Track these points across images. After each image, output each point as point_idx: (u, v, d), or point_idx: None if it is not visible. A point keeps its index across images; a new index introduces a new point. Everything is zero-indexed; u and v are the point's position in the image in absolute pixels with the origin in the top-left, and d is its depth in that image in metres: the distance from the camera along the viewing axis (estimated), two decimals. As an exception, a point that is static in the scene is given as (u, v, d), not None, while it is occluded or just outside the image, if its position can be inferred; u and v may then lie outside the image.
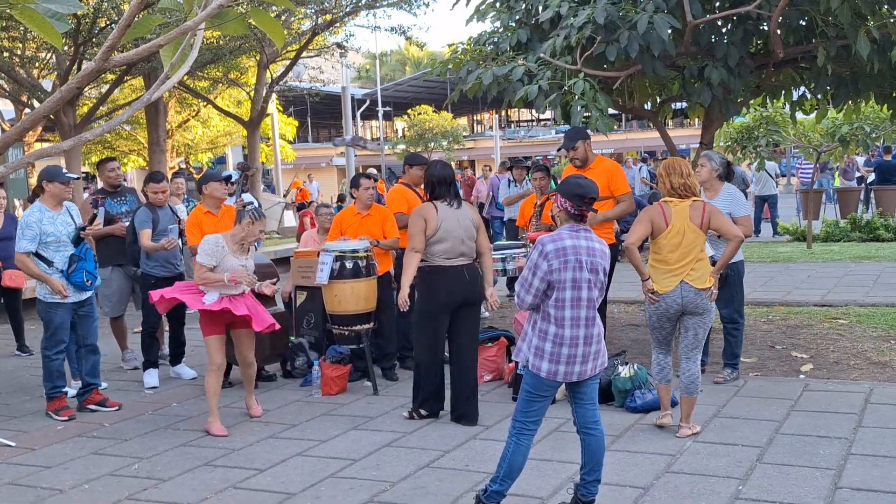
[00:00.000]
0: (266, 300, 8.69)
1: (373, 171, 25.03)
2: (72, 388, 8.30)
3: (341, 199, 23.01)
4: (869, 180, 24.70)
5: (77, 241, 7.76)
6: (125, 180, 10.22)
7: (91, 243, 7.98)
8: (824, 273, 13.96)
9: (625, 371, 7.33)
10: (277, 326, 7.52)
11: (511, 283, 12.05)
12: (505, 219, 14.33)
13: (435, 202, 7.15)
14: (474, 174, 35.28)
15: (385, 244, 8.54)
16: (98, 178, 9.80)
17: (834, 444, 6.21)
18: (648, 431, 6.69)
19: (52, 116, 18.60)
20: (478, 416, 7.12)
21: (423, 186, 7.65)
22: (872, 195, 23.41)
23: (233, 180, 11.38)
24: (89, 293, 7.92)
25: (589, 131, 9.02)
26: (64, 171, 7.86)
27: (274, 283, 7.57)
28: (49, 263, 7.62)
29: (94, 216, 8.50)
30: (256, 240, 7.31)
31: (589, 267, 5.02)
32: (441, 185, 7.19)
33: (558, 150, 8.94)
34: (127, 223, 9.09)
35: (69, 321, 7.81)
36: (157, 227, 8.74)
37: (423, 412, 7.27)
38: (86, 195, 10.91)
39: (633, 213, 9.09)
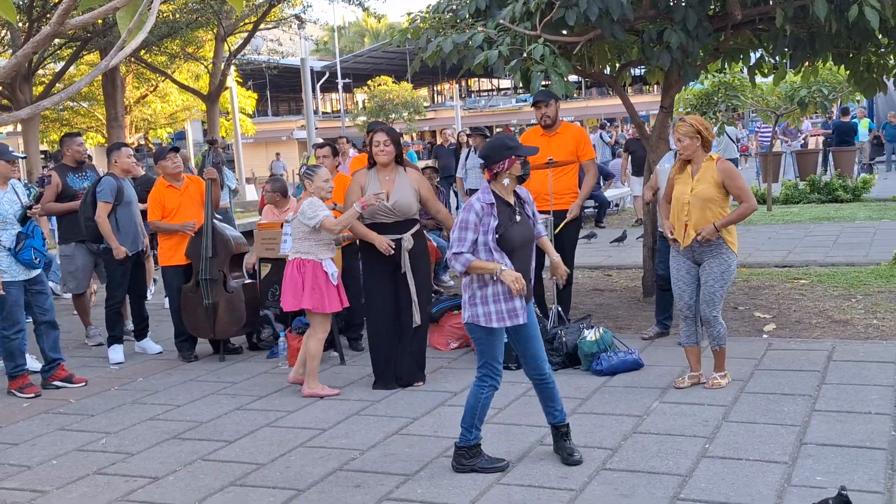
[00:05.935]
0: (235, 270, 8.67)
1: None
2: (33, 364, 8.21)
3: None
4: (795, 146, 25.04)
5: (24, 219, 7.64)
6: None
7: (38, 221, 7.83)
8: (785, 234, 14.09)
9: (590, 335, 7.38)
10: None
11: None
12: (467, 189, 14.08)
13: None
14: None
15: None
16: (62, 154, 9.71)
17: (798, 401, 6.29)
18: (615, 393, 6.74)
19: (8, 94, 18.38)
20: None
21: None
22: (831, 156, 23.62)
23: (193, 151, 11.32)
24: (38, 270, 7.81)
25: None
26: (11, 149, 7.73)
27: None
28: None
29: (41, 194, 8.32)
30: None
31: None
32: None
33: (532, 104, 8.93)
34: (91, 199, 9.01)
35: (23, 299, 7.72)
36: (123, 198, 8.67)
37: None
38: (44, 171, 10.79)
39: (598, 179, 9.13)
